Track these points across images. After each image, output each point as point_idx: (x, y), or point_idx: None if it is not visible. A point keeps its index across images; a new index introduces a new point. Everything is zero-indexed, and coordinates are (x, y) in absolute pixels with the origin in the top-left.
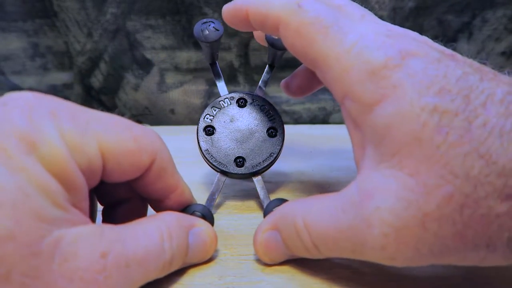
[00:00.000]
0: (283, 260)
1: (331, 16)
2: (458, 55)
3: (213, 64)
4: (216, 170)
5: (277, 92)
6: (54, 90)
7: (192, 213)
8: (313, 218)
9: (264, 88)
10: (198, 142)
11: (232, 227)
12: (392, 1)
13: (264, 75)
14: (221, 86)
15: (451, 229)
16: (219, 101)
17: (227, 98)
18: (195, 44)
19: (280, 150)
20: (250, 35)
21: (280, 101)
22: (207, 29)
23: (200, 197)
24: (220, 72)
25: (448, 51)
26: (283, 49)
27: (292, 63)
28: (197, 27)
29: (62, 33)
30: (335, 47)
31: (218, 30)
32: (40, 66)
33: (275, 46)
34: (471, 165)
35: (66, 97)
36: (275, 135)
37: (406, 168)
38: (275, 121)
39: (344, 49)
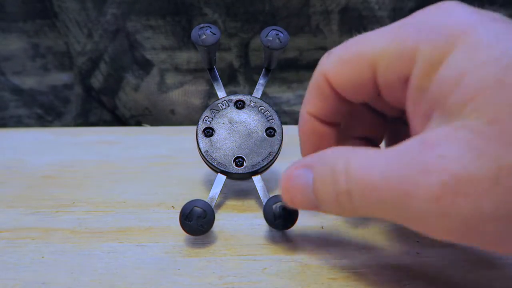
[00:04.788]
0: (304, 208)
1: None
2: None
3: (211, 69)
4: (215, 171)
5: (277, 92)
6: (55, 91)
7: (192, 209)
8: (358, 161)
9: (261, 91)
10: (198, 144)
11: (232, 227)
12: (392, 1)
13: (261, 78)
14: (219, 89)
15: None
16: (218, 104)
17: (225, 100)
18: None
19: (279, 149)
20: (250, 36)
21: (280, 101)
22: (204, 33)
23: (200, 197)
24: (218, 76)
25: None
26: (280, 48)
27: (293, 63)
28: (194, 32)
29: (62, 33)
30: None
31: (215, 34)
32: (40, 67)
33: (272, 46)
34: None
35: (66, 98)
36: (274, 135)
37: (484, 116)
38: (273, 122)
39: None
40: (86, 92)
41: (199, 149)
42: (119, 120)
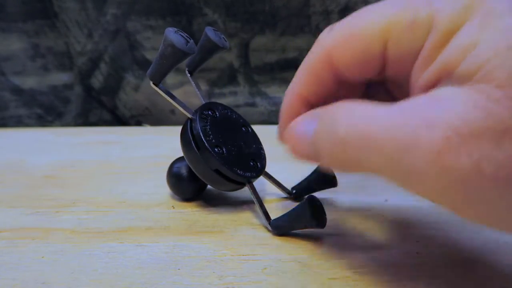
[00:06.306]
0: (304, 159)
1: None
2: None
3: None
4: (242, 184)
5: (277, 92)
6: (55, 91)
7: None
8: (360, 112)
9: (202, 96)
10: (221, 172)
11: (232, 227)
12: None
13: (196, 84)
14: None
15: None
16: (202, 117)
17: (202, 113)
18: (195, 44)
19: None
20: (250, 36)
21: (280, 101)
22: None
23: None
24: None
25: None
26: (226, 48)
27: (293, 63)
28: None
29: (63, 33)
30: None
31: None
32: (40, 67)
33: (224, 45)
34: None
35: (66, 98)
36: (248, 130)
37: (493, 81)
38: (240, 118)
39: None
40: (86, 92)
41: (222, 175)
42: (119, 120)
